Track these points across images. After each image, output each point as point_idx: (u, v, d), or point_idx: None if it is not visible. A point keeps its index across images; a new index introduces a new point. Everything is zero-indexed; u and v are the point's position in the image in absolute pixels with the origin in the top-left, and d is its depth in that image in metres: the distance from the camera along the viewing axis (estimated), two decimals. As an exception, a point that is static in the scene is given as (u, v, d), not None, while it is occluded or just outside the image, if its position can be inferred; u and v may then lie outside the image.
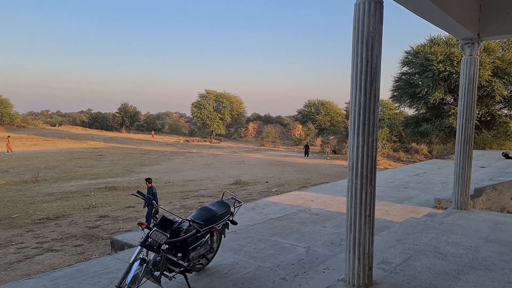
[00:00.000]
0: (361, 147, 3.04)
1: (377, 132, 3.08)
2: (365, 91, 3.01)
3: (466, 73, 5.61)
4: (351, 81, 3.09)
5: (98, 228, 10.96)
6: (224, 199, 4.61)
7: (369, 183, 3.04)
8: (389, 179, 11.62)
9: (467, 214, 5.43)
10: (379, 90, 3.06)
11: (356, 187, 3.05)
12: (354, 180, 3.07)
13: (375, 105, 3.03)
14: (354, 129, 3.07)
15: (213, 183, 19.77)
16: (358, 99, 3.04)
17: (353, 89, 3.07)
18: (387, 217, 6.96)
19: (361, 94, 3.03)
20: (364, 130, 3.03)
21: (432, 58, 26.20)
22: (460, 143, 5.74)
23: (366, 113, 3.02)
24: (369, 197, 3.05)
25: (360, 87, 3.03)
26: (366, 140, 3.03)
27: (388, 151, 31.47)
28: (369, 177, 3.04)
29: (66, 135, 55.30)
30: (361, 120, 3.03)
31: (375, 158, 3.08)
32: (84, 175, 22.29)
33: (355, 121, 3.06)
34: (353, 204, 3.07)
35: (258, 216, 7.03)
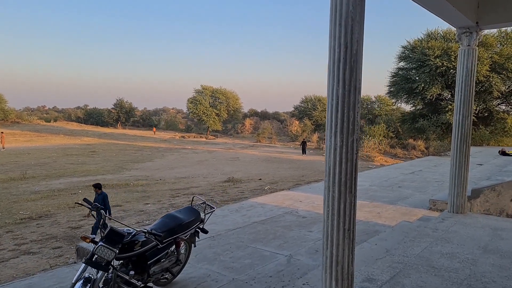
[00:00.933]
0: (339, 149, 2.57)
1: (358, 131, 2.61)
2: (344, 83, 2.54)
3: (464, 65, 5.15)
4: (328, 70, 2.62)
5: (81, 229, 10.49)
6: (194, 204, 4.15)
7: (348, 191, 2.58)
8: (383, 177, 11.19)
9: (463, 219, 5.00)
10: (360, 82, 2.59)
11: (334, 195, 2.59)
12: (331, 187, 2.61)
13: (356, 99, 2.57)
14: (331, 127, 2.60)
15: (205, 181, 19.31)
16: (335, 92, 2.57)
17: (330, 80, 2.60)
18: (379, 220, 6.53)
19: (339, 86, 2.55)
20: (343, 128, 2.56)
21: (429, 53, 25.73)
22: (457, 141, 5.29)
23: (345, 109, 2.55)
24: (349, 207, 2.59)
25: (338, 77, 2.56)
26: (345, 140, 2.56)
27: (385, 147, 31.11)
28: (349, 184, 2.58)
29: (61, 131, 54.64)
30: (339, 117, 2.56)
31: (356, 162, 2.62)
32: (74, 172, 21.78)
33: (332, 118, 2.60)
34: (329, 215, 2.62)
35: (241, 219, 6.57)
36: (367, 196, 8.41)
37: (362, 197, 8.34)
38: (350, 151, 2.58)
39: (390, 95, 31.46)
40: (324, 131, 49.77)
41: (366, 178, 11.12)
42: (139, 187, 17.23)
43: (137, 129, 69.71)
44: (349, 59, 2.52)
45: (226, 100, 61.87)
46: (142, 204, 13.49)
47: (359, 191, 9.03)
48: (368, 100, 51.34)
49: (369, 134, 32.64)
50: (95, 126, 66.18)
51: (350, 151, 2.58)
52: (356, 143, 2.61)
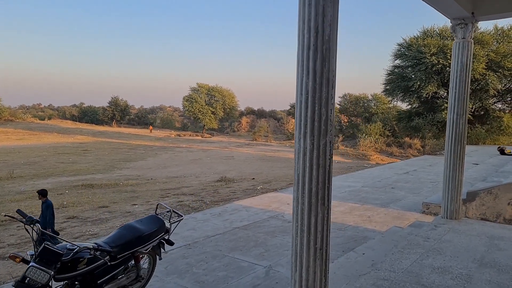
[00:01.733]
0: (310, 153, 2.17)
1: (332, 132, 2.21)
2: (315, 74, 2.13)
3: (458, 59, 4.76)
4: (297, 60, 2.21)
5: (62, 232, 10.05)
6: (159, 212, 3.74)
7: (321, 202, 2.18)
8: (376, 177, 10.82)
9: (457, 226, 4.62)
10: (334, 73, 2.18)
11: (303, 208, 2.19)
12: (300, 198, 2.21)
13: (329, 94, 2.16)
14: (300, 127, 2.20)
15: (197, 180, 18.89)
16: (305, 85, 2.17)
17: (298, 71, 2.20)
18: (369, 224, 6.14)
19: (308, 78, 2.15)
20: (314, 129, 2.16)
21: (425, 50, 25.38)
22: (451, 141, 4.91)
23: (316, 105, 2.15)
24: (322, 222, 2.19)
25: (307, 68, 2.15)
26: (316, 143, 2.16)
27: (381, 145, 30.83)
28: (321, 195, 2.18)
29: (54, 129, 54.02)
30: (310, 115, 2.16)
31: (329, 168, 2.21)
32: (64, 172, 21.29)
33: (302, 117, 2.19)
34: (298, 232, 2.22)
35: (222, 224, 6.17)
36: (359, 198, 8.03)
37: (354, 199, 7.96)
38: (323, 156, 2.18)
39: (386, 93, 31.12)
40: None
41: (359, 179, 10.75)
42: (128, 187, 16.79)
43: (132, 127, 69.11)
44: (321, 46, 2.11)
45: (222, 98, 61.42)
46: (129, 205, 13.06)
47: (351, 193, 8.65)
48: (365, 98, 51.01)
49: (366, 132, 32.34)
50: (89, 124, 65.55)
51: (323, 155, 2.17)
52: (330, 146, 2.20)
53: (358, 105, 50.54)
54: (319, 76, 2.13)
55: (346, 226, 6.06)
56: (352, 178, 10.89)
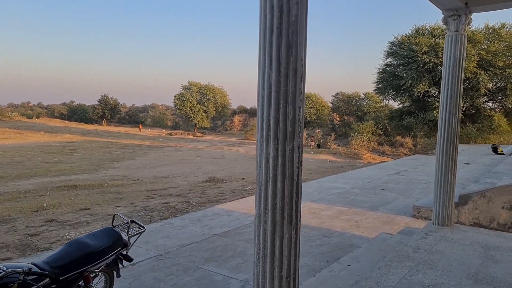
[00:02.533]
0: (273, 160, 1.77)
1: (301, 134, 1.82)
2: (279, 64, 1.73)
3: (451, 54, 4.41)
4: (258, 47, 1.81)
5: (39, 236, 9.54)
6: (116, 224, 3.32)
7: (287, 221, 1.79)
8: (366, 178, 10.49)
9: (450, 234, 4.27)
10: (304, 63, 1.79)
11: (266, 227, 1.80)
12: (262, 216, 1.81)
13: (297, 88, 1.77)
14: (262, 129, 1.80)
15: (185, 180, 18.41)
16: (267, 77, 1.77)
17: (260, 60, 1.80)
18: (356, 230, 5.78)
19: (271, 68, 1.75)
20: (278, 131, 1.76)
21: (417, 49, 25.21)
22: (442, 141, 4.56)
23: (281, 102, 1.75)
24: (288, 244, 1.80)
25: (270, 56, 1.75)
26: (281, 148, 1.77)
27: (373, 144, 30.68)
28: (288, 211, 1.79)
29: (42, 128, 52.97)
30: (273, 114, 1.76)
31: (298, 179, 1.82)
32: (47, 172, 20.64)
33: (264, 116, 1.79)
34: (260, 256, 1.82)
35: (200, 231, 5.76)
36: (347, 201, 7.68)
37: (342, 202, 7.61)
38: (290, 164, 1.78)
39: (378, 92, 30.96)
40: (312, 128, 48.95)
41: (348, 180, 10.41)
42: (113, 187, 16.26)
43: (122, 126, 68.20)
44: (286, 29, 1.71)
45: (214, 97, 60.89)
46: (112, 207, 12.57)
47: (339, 195, 8.30)
48: (357, 97, 50.86)
49: (358, 131, 32.17)
50: (79, 123, 64.50)
51: (290, 163, 1.78)
52: (298, 151, 1.81)
53: (351, 103, 50.43)
54: (284, 67, 1.73)
55: (332, 232, 5.70)
56: (342, 179, 10.55)
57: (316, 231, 5.74)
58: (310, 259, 4.63)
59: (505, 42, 24.26)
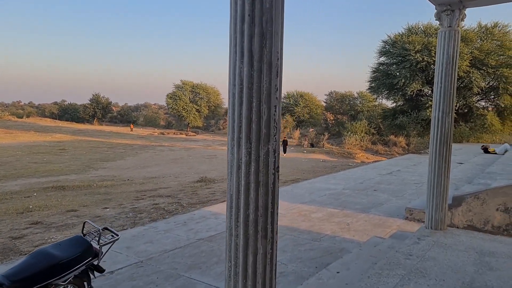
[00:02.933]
0: (246, 166, 1.56)
1: (278, 136, 1.60)
2: (251, 57, 1.52)
3: (444, 50, 4.23)
4: (229, 38, 1.60)
5: (23, 239, 9.22)
6: (87, 232, 3.09)
7: (261, 234, 1.58)
8: (358, 179, 10.33)
9: (443, 238, 4.10)
10: (280, 56, 1.57)
11: (237, 242, 1.59)
12: (233, 229, 1.60)
13: (272, 85, 1.55)
14: (233, 131, 1.59)
15: (176, 181, 18.14)
16: (238, 72, 1.55)
17: (231, 53, 1.58)
18: (347, 234, 5.60)
19: (243, 62, 1.54)
20: (251, 133, 1.55)
21: (410, 47, 25.18)
22: (435, 142, 4.39)
23: (254, 100, 1.54)
24: (263, 261, 1.58)
25: (241, 48, 1.54)
26: (255, 152, 1.55)
27: (366, 144, 30.66)
28: (263, 224, 1.58)
29: (32, 127, 52.19)
30: (245, 114, 1.55)
31: (274, 187, 1.61)
32: (35, 172, 20.21)
33: (235, 116, 1.58)
34: (232, 274, 1.60)
35: (185, 236, 5.53)
36: (339, 203, 7.50)
37: (333, 204, 7.42)
38: (264, 170, 1.57)
39: (371, 91, 30.90)
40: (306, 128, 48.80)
41: (340, 180, 10.24)
42: (102, 188, 15.93)
43: (114, 125, 67.50)
44: (260, 18, 1.50)
45: (206, 96, 60.51)
46: (100, 208, 12.27)
47: (331, 196, 8.12)
48: (351, 96, 50.85)
49: (351, 130, 32.11)
50: (70, 122, 63.68)
51: (264, 169, 1.57)
52: (274, 156, 1.60)
53: (344, 102, 50.41)
54: (257, 60, 1.52)
55: (322, 235, 5.51)
56: (334, 180, 10.38)
57: (306, 234, 5.55)
58: (298, 265, 4.44)
59: (498, 41, 24.33)
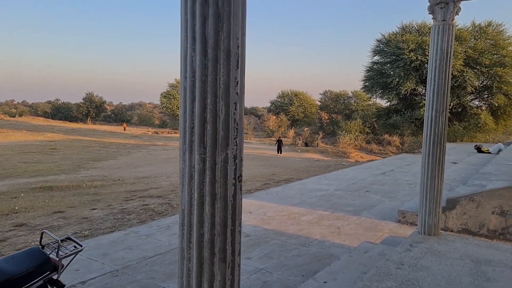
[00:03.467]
0: (199, 176, 1.29)
1: (240, 140, 1.34)
2: (204, 43, 1.25)
3: (437, 46, 3.99)
4: (180, 21, 1.33)
5: (5, 242, 8.87)
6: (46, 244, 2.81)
7: (219, 258, 1.31)
8: (351, 179, 10.10)
9: (437, 245, 3.87)
10: (242, 44, 1.31)
11: (189, 267, 1.32)
12: (185, 251, 1.33)
13: (232, 77, 1.29)
14: (185, 132, 1.32)
15: (168, 181, 17.81)
16: (190, 61, 1.28)
17: (182, 39, 1.31)
18: (337, 238, 5.36)
19: (194, 49, 1.27)
20: (206, 135, 1.28)
21: (404, 46, 25.05)
22: (429, 143, 4.15)
23: (208, 96, 1.27)
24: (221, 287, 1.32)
25: (192, 32, 1.27)
26: (210, 158, 1.28)
27: (360, 143, 30.55)
28: (221, 245, 1.31)
29: (24, 126, 51.48)
30: (198, 113, 1.28)
31: (234, 200, 1.34)
32: (24, 172, 19.75)
33: (186, 115, 1.31)
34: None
35: (167, 241, 5.26)
36: (330, 205, 7.26)
37: (324, 206, 7.18)
38: (222, 179, 1.30)
39: (365, 90, 30.79)
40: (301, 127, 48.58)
41: (332, 181, 10.01)
42: (92, 188, 15.56)
43: (108, 124, 66.87)
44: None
45: (201, 95, 60.07)
46: (88, 209, 11.93)
47: (322, 198, 7.88)
48: (345, 95, 50.74)
49: (345, 129, 31.99)
50: (63, 122, 62.98)
51: (222, 178, 1.30)
52: (235, 162, 1.33)
53: (339, 102, 50.32)
54: (212, 47, 1.25)
55: (311, 240, 5.26)
56: (326, 180, 10.14)
57: (294, 239, 5.30)
58: (284, 273, 4.18)
59: (491, 40, 24.27)
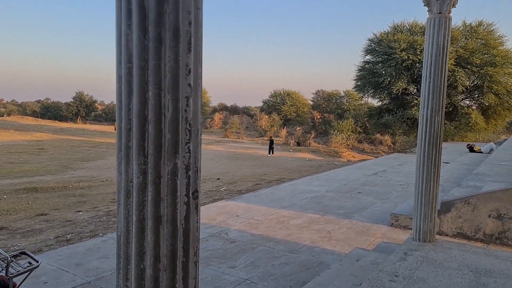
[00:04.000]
0: (138, 193, 0.99)
1: (193, 146, 1.03)
2: (143, 16, 0.94)
3: (433, 40, 3.73)
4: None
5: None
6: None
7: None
8: (342, 180, 9.86)
9: (433, 253, 3.61)
10: (196, 19, 1.00)
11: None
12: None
13: (180, 64, 0.98)
14: (121, 135, 1.01)
15: (157, 181, 17.40)
16: (125, 42, 0.98)
17: (116, 13, 1.00)
18: (328, 243, 5.08)
19: (130, 25, 0.96)
20: (146, 139, 0.97)
21: (395, 46, 24.98)
22: (423, 143, 3.90)
23: (149, 88, 0.96)
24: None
25: (127, 2, 0.96)
26: (153, 169, 0.98)
27: (352, 142, 30.49)
28: (169, 284, 1.01)
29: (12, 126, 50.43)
30: (136, 109, 0.97)
31: (190, 223, 1.04)
32: (9, 173, 19.17)
33: (122, 112, 1.00)
34: None
35: (146, 248, 4.93)
36: (320, 207, 6.99)
37: (314, 209, 6.92)
38: (169, 198, 0.99)
39: (357, 90, 30.70)
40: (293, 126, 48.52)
41: (324, 181, 9.75)
42: (78, 190, 15.11)
43: (99, 124, 65.98)
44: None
45: (193, 94, 59.60)
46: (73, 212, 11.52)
47: (312, 200, 7.62)
48: (337, 94, 50.69)
49: (337, 129, 31.89)
50: (52, 121, 61.91)
51: (169, 197, 0.99)
52: (188, 174, 1.03)
53: (331, 101, 50.30)
54: (154, 23, 0.94)
55: (300, 246, 4.98)
56: (317, 181, 9.89)
57: (282, 245, 5.01)
58: (270, 284, 3.89)
59: (482, 40, 24.33)
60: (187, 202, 1.03)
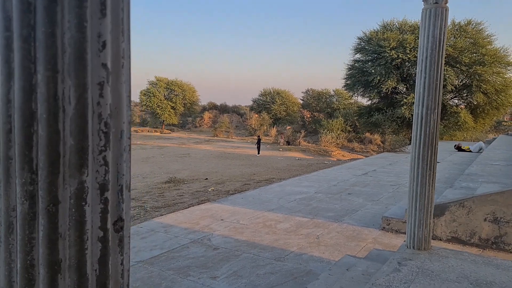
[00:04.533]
0: (24, 226, 0.66)
1: (119, 151, 0.70)
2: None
3: (428, 32, 3.46)
4: None
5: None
6: None
7: None
8: (332, 180, 9.62)
9: (429, 262, 3.35)
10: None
11: None
12: None
13: (88, 32, 0.65)
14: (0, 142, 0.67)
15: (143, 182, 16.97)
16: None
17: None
18: (316, 250, 4.80)
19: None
20: (34, 146, 0.64)
21: (385, 44, 24.93)
22: (418, 144, 3.63)
23: (38, 69, 0.63)
24: None
25: None
26: (45, 192, 0.65)
27: (342, 141, 30.44)
28: None
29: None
30: (20, 101, 0.64)
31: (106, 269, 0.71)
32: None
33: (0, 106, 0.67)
34: None
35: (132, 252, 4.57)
36: (309, 210, 6.72)
37: (303, 211, 6.64)
38: (73, 233, 0.67)
39: (347, 88, 30.63)
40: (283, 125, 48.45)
41: (313, 182, 9.49)
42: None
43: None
44: None
45: (182, 93, 58.89)
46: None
47: (301, 202, 7.33)
48: (327, 93, 50.69)
49: (327, 128, 31.80)
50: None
51: (73, 231, 0.67)
52: (107, 196, 0.70)
53: (321, 100, 50.30)
54: None
55: (287, 253, 4.69)
56: (306, 182, 9.62)
57: (268, 252, 4.71)
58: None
59: (471, 39, 24.42)
60: (103, 238, 0.70)
